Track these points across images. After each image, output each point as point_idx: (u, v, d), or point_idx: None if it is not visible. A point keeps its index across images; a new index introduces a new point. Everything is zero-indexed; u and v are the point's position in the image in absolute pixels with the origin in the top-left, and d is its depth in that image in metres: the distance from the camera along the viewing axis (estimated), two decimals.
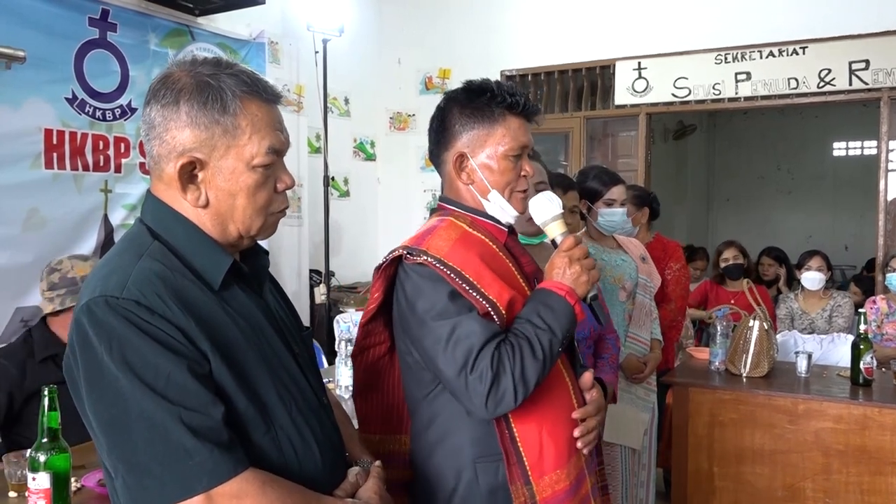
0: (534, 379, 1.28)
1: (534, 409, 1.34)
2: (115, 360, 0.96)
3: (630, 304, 2.77)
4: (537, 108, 1.49)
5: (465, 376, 1.27)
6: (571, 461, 1.39)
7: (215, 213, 1.10)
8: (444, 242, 1.37)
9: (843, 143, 8.97)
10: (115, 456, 0.98)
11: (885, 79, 4.34)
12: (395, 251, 1.39)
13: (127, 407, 0.96)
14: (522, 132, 1.45)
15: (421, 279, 1.33)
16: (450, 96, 1.49)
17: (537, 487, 1.34)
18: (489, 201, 1.45)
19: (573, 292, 1.33)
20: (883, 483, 2.55)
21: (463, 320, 1.29)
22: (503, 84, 1.46)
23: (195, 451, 0.95)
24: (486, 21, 5.50)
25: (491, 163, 1.43)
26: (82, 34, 3.51)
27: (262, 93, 1.10)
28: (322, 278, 4.87)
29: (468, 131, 1.43)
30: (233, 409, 1.02)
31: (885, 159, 4.50)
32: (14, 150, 3.26)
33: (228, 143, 1.07)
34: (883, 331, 3.83)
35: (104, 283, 1.01)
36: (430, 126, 1.52)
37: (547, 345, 1.29)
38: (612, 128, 5.41)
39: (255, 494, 0.98)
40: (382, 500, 1.18)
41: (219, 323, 1.05)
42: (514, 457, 1.34)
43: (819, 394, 2.68)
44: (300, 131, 4.87)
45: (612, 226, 2.75)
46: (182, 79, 1.07)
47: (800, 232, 8.52)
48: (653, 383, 2.90)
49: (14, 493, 1.69)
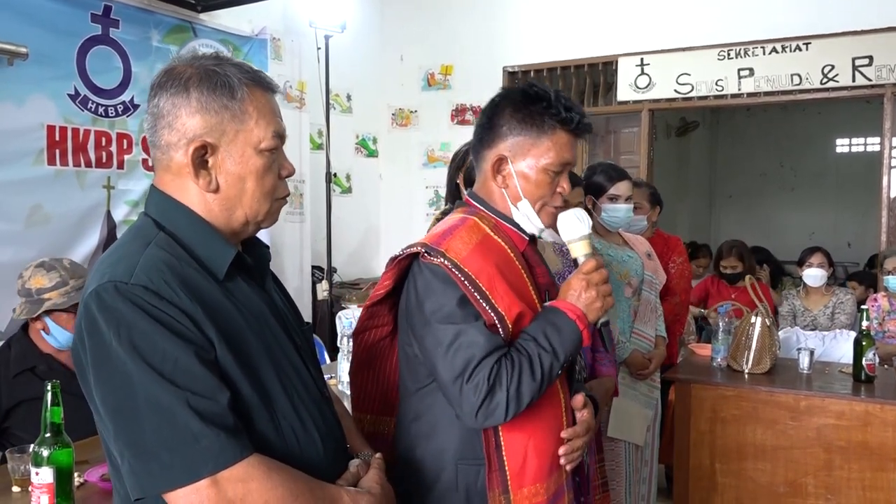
0: (528, 398, 1.28)
1: (524, 422, 1.33)
2: (123, 345, 0.97)
3: (635, 301, 2.77)
4: (590, 126, 1.46)
5: (460, 384, 1.27)
6: (552, 477, 1.39)
7: (225, 198, 1.12)
8: (463, 245, 1.35)
9: (845, 140, 8.94)
10: (121, 441, 0.99)
11: (888, 75, 4.33)
12: (414, 247, 1.38)
13: (134, 391, 0.97)
14: (568, 149, 1.42)
15: (434, 279, 1.33)
16: (505, 94, 1.46)
17: (514, 497, 1.34)
18: (517, 209, 1.43)
19: (584, 317, 1.32)
20: (884, 479, 2.56)
21: (468, 328, 1.29)
22: (561, 96, 1.42)
23: (202, 435, 0.96)
24: (488, 17, 5.50)
25: (529, 173, 1.40)
26: (85, 30, 3.52)
27: (262, 81, 1.15)
28: (324, 275, 4.88)
29: (515, 136, 1.41)
30: (237, 395, 1.03)
31: (888, 156, 4.49)
32: (17, 146, 3.27)
33: (237, 128, 1.10)
34: (885, 328, 3.83)
35: (112, 269, 1.03)
36: (478, 119, 1.49)
37: (548, 367, 1.29)
38: (614, 124, 5.41)
39: (260, 479, 0.99)
40: (384, 490, 1.19)
41: (223, 311, 1.07)
42: (496, 464, 1.34)
43: (821, 390, 2.68)
44: (302, 128, 4.88)
45: (616, 221, 2.75)
46: (187, 70, 1.11)
47: (802, 229, 8.50)
48: (657, 380, 2.91)
49: (17, 488, 1.70)
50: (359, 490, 1.14)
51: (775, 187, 9.19)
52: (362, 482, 1.18)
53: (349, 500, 1.10)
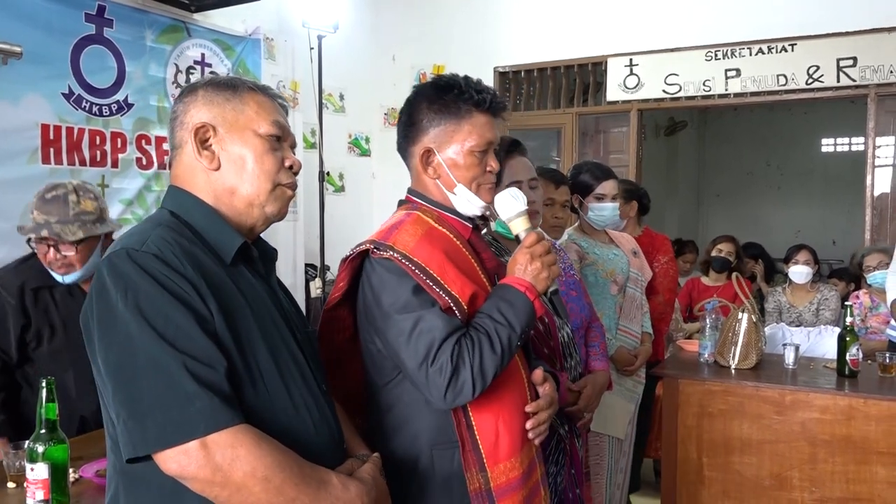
0: (492, 372, 1.31)
1: (491, 400, 1.37)
2: (129, 306, 1.02)
3: (621, 298, 2.82)
4: (504, 104, 1.51)
5: (426, 368, 1.30)
6: (524, 450, 1.43)
7: (226, 176, 1.19)
8: (409, 238, 1.40)
9: (831, 140, 9.04)
10: (118, 400, 1.02)
11: (872, 76, 4.41)
12: (363, 245, 1.42)
13: (135, 351, 1.01)
14: (489, 128, 1.47)
15: (387, 273, 1.37)
16: (418, 91, 1.51)
17: (492, 474, 1.38)
18: (455, 195, 1.47)
19: (533, 288, 1.37)
20: (867, 472, 2.60)
21: (425, 314, 1.32)
22: (471, 80, 1.48)
23: (196, 396, 0.99)
24: (479, 18, 5.54)
25: (457, 158, 1.45)
26: (79, 30, 3.53)
27: (267, 90, 1.26)
28: (317, 272, 4.90)
29: (435, 126, 1.46)
30: (229, 369, 1.06)
31: (872, 155, 4.56)
32: (11, 145, 3.28)
33: (237, 114, 1.20)
34: (867, 324, 3.90)
35: (126, 240, 1.10)
36: (398, 119, 1.55)
37: (506, 339, 1.32)
38: (603, 124, 5.45)
39: (249, 446, 1.01)
40: (376, 482, 1.20)
41: (226, 289, 1.11)
42: (469, 444, 1.37)
43: (806, 385, 2.72)
44: (295, 127, 4.86)
45: (603, 220, 2.79)
46: (200, 81, 1.23)
47: (788, 227, 8.59)
48: (642, 376, 2.96)
49: (13, 484, 1.69)
50: (348, 477, 1.15)
51: (762, 186, 9.27)
52: (356, 473, 1.19)
53: (338, 482, 1.11)
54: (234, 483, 1.00)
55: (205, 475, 0.99)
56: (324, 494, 1.07)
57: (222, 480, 1.00)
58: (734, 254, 4.50)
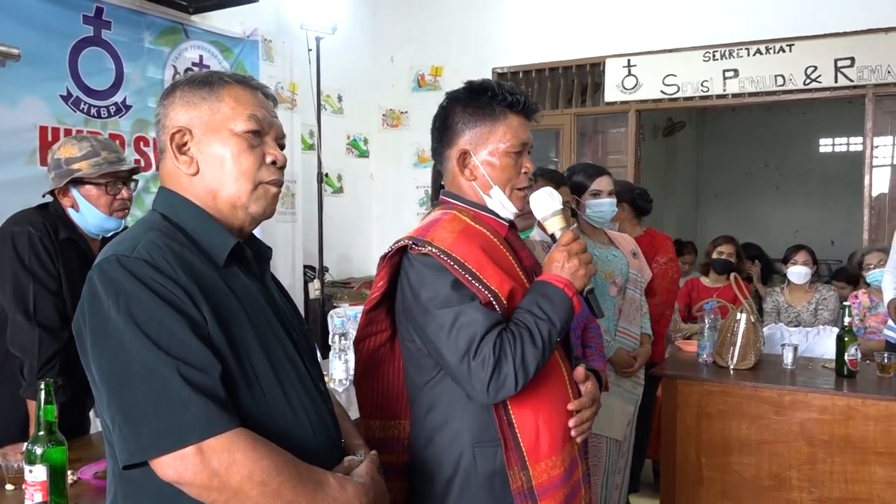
0: (533, 366, 1.32)
1: (531, 397, 1.38)
2: (121, 313, 1.01)
3: (620, 299, 2.81)
4: (537, 106, 1.54)
5: (467, 362, 1.30)
6: (566, 448, 1.44)
7: (206, 179, 1.18)
8: (447, 234, 1.40)
9: (829, 140, 9.06)
10: (113, 407, 1.01)
11: (869, 76, 4.42)
12: (401, 241, 1.42)
13: (129, 358, 1.00)
14: (523, 130, 1.49)
15: (425, 269, 1.37)
16: (452, 95, 1.53)
17: (533, 472, 1.38)
18: (491, 197, 1.49)
19: (571, 285, 1.38)
20: (866, 472, 2.60)
21: (466, 309, 1.33)
22: (503, 84, 1.50)
23: (191, 402, 0.99)
24: (477, 19, 5.54)
25: (493, 159, 1.47)
26: (77, 32, 3.53)
27: (246, 80, 1.23)
28: (316, 274, 4.90)
29: (471, 129, 1.48)
30: (224, 372, 1.05)
31: (869, 155, 4.58)
32: (9, 147, 3.28)
33: (212, 114, 1.17)
34: (866, 324, 3.90)
35: (116, 246, 1.09)
36: (432, 124, 1.56)
37: (546, 334, 1.33)
38: (602, 125, 5.46)
39: (245, 450, 1.01)
40: (374, 482, 1.19)
41: (219, 292, 1.10)
42: (511, 442, 1.38)
43: (804, 385, 2.72)
44: (294, 128, 4.89)
45: (601, 216, 2.79)
46: (179, 80, 1.23)
47: (787, 227, 8.60)
48: (641, 377, 2.95)
49: (11, 486, 1.68)
50: (345, 477, 1.15)
51: (760, 186, 9.29)
52: (353, 472, 1.18)
53: (335, 483, 1.10)
54: (232, 488, 1.00)
55: (201, 481, 0.99)
56: (321, 496, 1.07)
57: (219, 485, 1.00)
58: (735, 255, 4.50)
